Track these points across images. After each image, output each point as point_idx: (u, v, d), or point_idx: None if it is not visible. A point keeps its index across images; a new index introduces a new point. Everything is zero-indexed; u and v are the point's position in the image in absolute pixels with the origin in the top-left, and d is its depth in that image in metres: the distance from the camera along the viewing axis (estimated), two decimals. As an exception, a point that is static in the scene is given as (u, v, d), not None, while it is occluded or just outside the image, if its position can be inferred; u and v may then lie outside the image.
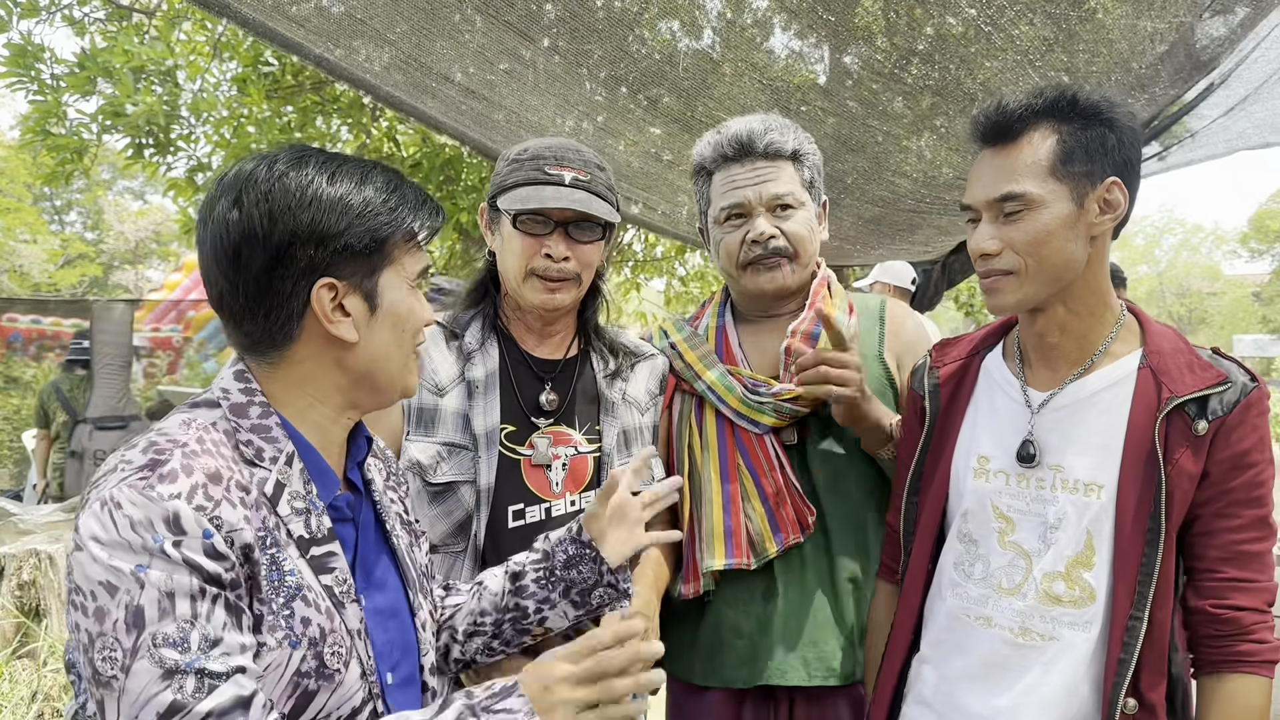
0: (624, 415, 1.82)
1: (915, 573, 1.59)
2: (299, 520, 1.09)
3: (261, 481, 1.07)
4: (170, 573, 0.94)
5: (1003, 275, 1.42)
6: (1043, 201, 1.37)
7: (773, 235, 1.82)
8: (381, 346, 1.15)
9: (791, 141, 1.86)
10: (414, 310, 1.18)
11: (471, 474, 1.65)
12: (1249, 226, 31.97)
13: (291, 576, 1.05)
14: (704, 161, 1.91)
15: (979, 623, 1.47)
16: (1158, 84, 2.89)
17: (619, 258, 11.15)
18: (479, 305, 1.82)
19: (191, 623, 0.94)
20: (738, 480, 1.83)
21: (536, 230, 1.68)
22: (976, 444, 1.53)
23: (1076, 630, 1.39)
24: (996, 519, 1.48)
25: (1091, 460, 1.41)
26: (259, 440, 1.09)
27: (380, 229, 1.12)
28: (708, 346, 1.94)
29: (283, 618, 1.03)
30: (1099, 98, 1.40)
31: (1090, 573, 1.39)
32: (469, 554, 1.65)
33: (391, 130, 8.02)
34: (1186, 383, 1.37)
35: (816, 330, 1.85)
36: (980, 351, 1.63)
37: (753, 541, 1.81)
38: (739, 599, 1.84)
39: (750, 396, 1.83)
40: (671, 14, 2.84)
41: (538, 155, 1.71)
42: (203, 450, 1.03)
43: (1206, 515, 1.37)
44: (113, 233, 28.02)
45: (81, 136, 6.50)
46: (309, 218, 1.07)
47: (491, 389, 1.71)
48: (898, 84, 2.86)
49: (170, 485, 0.97)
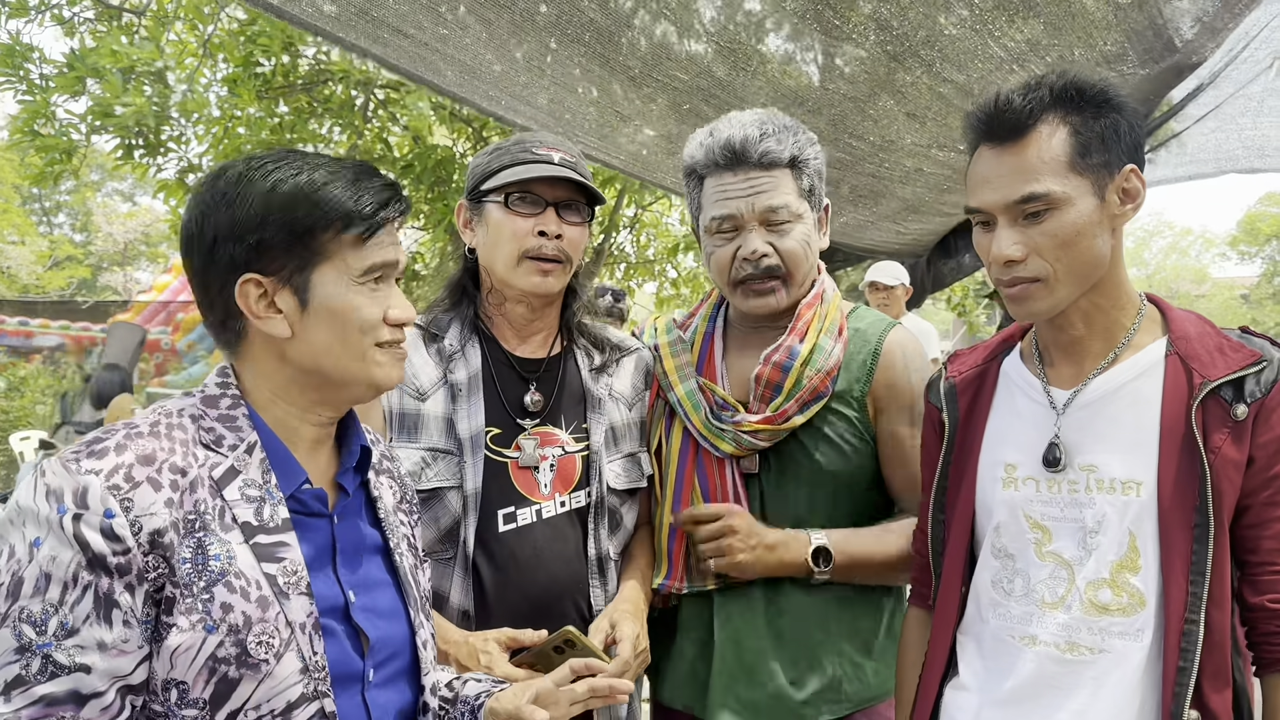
0: (611, 412, 1.81)
1: (948, 596, 1.49)
2: (248, 507, 1.10)
3: (213, 465, 1.10)
4: (56, 551, 0.99)
5: (1030, 282, 1.32)
6: (1068, 199, 1.28)
7: (765, 254, 1.71)
8: (321, 343, 1.14)
9: (789, 147, 1.72)
10: (356, 307, 1.15)
11: (458, 479, 1.64)
12: (1238, 229, 32.13)
13: (216, 561, 1.06)
14: (694, 165, 1.80)
15: (1024, 642, 1.36)
16: (1126, 62, 2.86)
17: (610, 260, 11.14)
18: (458, 306, 1.80)
19: (56, 608, 0.99)
20: (689, 502, 1.78)
21: (528, 210, 1.68)
22: (1001, 452, 1.45)
23: (1128, 640, 1.30)
24: (1031, 529, 1.38)
25: (1126, 456, 1.32)
26: (221, 428, 1.13)
27: (299, 222, 1.11)
28: (688, 356, 1.87)
29: (201, 601, 1.04)
30: (1103, 83, 1.33)
31: (1137, 576, 1.30)
32: (458, 561, 1.64)
33: (384, 131, 7.99)
34: (1219, 365, 1.29)
35: (789, 362, 1.73)
36: (998, 356, 1.54)
37: (689, 567, 1.77)
38: (688, 622, 1.81)
39: (713, 420, 1.76)
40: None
41: (521, 140, 1.73)
42: (150, 432, 1.08)
43: (1256, 505, 1.27)
44: (101, 234, 27.86)
45: (70, 137, 6.45)
46: (229, 215, 1.11)
47: (475, 391, 1.69)
48: (850, 40, 2.80)
49: (95, 461, 1.03)
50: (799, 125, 1.79)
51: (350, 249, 1.14)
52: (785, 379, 1.72)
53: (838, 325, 1.80)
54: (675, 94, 3.10)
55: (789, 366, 1.73)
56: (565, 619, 1.65)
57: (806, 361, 1.73)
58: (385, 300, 1.18)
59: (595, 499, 1.73)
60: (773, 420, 1.72)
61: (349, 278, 1.14)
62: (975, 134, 1.38)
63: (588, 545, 1.72)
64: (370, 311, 1.16)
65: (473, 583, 1.64)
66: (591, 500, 1.73)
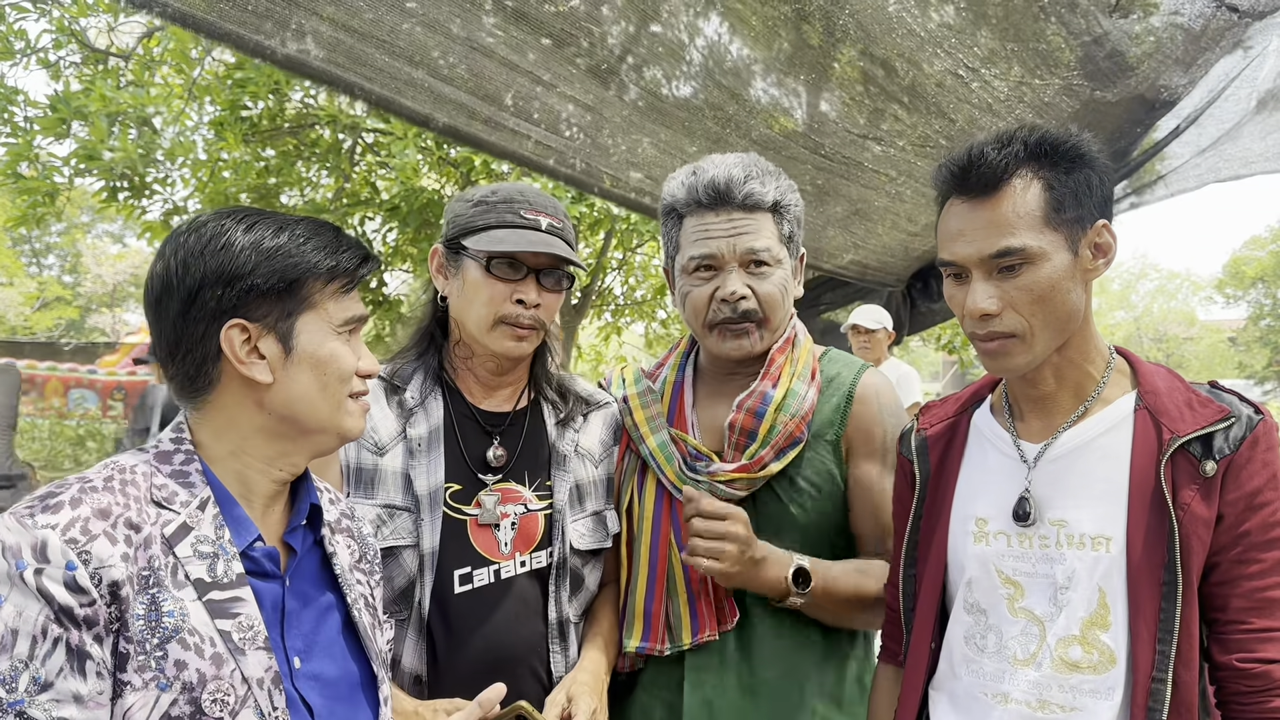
0: (576, 468, 1.74)
1: (918, 652, 1.47)
2: (201, 563, 1.09)
3: (165, 523, 1.08)
4: (21, 607, 0.97)
5: (1007, 338, 1.32)
6: (1043, 254, 1.28)
7: (744, 296, 1.68)
8: (300, 389, 1.16)
9: (773, 192, 1.71)
10: (337, 355, 1.18)
11: (414, 537, 1.57)
12: (1224, 273, 32.49)
13: (170, 618, 1.05)
14: (675, 203, 1.76)
15: (996, 700, 1.35)
16: (1064, 67, 2.86)
17: (598, 302, 11.14)
18: (423, 355, 1.74)
19: (26, 664, 0.97)
20: (667, 559, 1.72)
21: (509, 275, 1.62)
22: (972, 506, 1.43)
23: (1099, 699, 1.28)
24: (1004, 584, 1.37)
25: (1096, 511, 1.31)
26: (174, 484, 1.12)
27: (290, 269, 1.14)
28: (659, 407, 1.82)
29: (155, 659, 1.03)
30: (1075, 138, 1.34)
31: (1107, 634, 1.29)
32: (412, 623, 1.56)
33: (371, 173, 8.02)
34: (1187, 421, 1.29)
35: (763, 408, 1.70)
36: (968, 409, 1.53)
37: (670, 627, 1.70)
38: (655, 683, 1.73)
39: (687, 472, 1.71)
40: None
41: (509, 199, 1.66)
42: (104, 487, 1.07)
43: (1225, 562, 1.26)
44: (90, 276, 27.85)
45: (53, 180, 6.44)
46: (217, 262, 1.12)
47: (435, 446, 1.63)
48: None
49: (50, 516, 1.01)
50: (780, 171, 1.78)
51: (333, 299, 1.18)
52: (759, 425, 1.69)
53: (810, 369, 1.77)
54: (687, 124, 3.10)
55: (763, 412, 1.69)
56: (523, 684, 1.57)
57: (780, 407, 1.70)
58: (357, 351, 1.22)
59: (557, 560, 1.66)
60: (749, 468, 1.68)
61: (330, 327, 1.18)
62: (947, 186, 1.37)
63: (548, 608, 1.65)
64: (348, 361, 1.19)
65: (426, 646, 1.56)
66: (553, 561, 1.66)
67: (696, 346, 1.92)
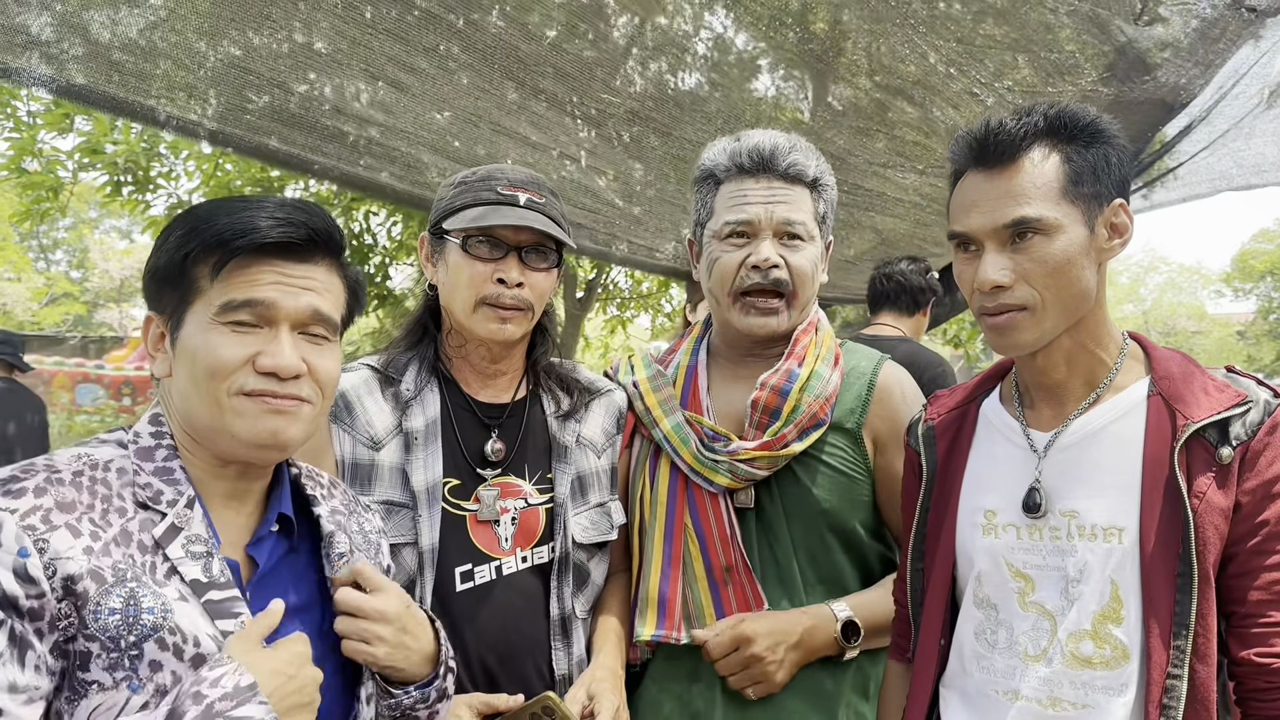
0: (579, 460, 1.71)
1: (927, 648, 1.43)
2: (195, 564, 1.05)
3: (152, 524, 1.05)
4: None
5: (1017, 311, 1.27)
6: (1059, 226, 1.24)
7: (776, 264, 1.65)
8: (179, 386, 1.11)
9: (814, 167, 1.70)
10: (209, 347, 1.08)
11: (412, 535, 1.54)
12: (1232, 266, 32.27)
13: (150, 615, 1.00)
14: (714, 168, 1.74)
15: (1007, 697, 1.32)
16: (1082, 75, 2.83)
17: (604, 295, 11.10)
18: (417, 346, 1.70)
19: None
20: (682, 544, 1.69)
21: (488, 255, 1.58)
22: (981, 497, 1.40)
23: (1111, 695, 1.24)
24: (1014, 578, 1.33)
25: (1108, 501, 1.27)
26: (159, 483, 1.08)
27: (180, 252, 1.09)
28: (671, 390, 1.79)
29: (129, 656, 0.99)
30: (1095, 115, 1.31)
31: (1120, 628, 1.25)
32: None
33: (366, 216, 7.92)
34: (1203, 406, 1.24)
35: (788, 385, 1.68)
36: (976, 398, 1.50)
37: (689, 614, 1.67)
38: (666, 675, 1.71)
39: (704, 453, 1.68)
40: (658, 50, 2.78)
41: (489, 176, 1.62)
42: (71, 481, 1.02)
43: (1243, 553, 1.21)
44: (98, 271, 27.89)
45: (57, 175, 6.43)
46: (153, 256, 1.13)
47: (432, 439, 1.60)
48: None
49: (11, 500, 0.97)
50: (820, 153, 1.77)
51: (217, 282, 1.08)
52: (784, 403, 1.67)
53: (833, 354, 1.76)
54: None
55: (787, 390, 1.68)
56: (525, 682, 1.55)
57: (804, 387, 1.68)
58: (259, 345, 1.09)
59: (559, 555, 1.63)
60: (771, 445, 1.66)
61: (207, 315, 1.08)
62: (963, 159, 1.34)
63: (550, 604, 1.62)
64: (226, 353, 1.07)
65: None
66: (555, 556, 1.63)
67: (709, 332, 1.89)
